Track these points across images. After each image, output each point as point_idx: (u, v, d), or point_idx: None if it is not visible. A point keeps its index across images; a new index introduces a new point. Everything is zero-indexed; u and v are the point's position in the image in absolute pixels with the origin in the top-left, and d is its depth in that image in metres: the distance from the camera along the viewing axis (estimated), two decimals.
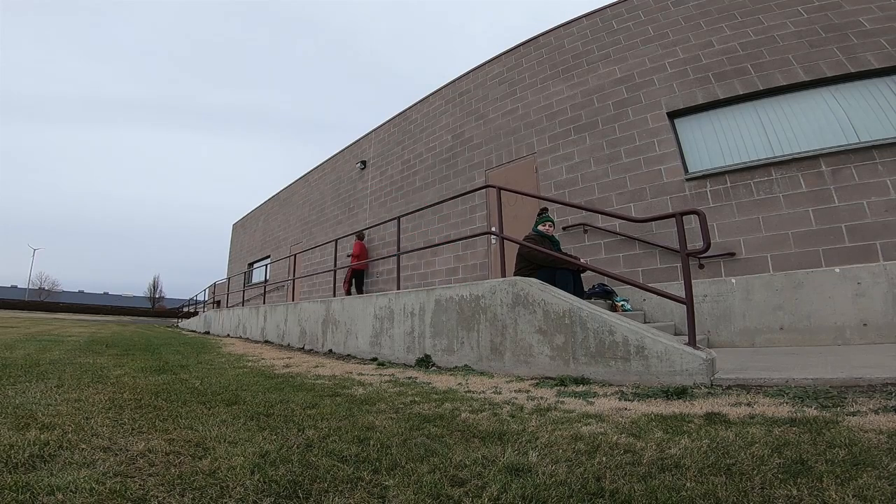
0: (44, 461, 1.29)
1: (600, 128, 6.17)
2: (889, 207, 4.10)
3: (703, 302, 4.65)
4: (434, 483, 1.09)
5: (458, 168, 8.03)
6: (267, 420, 1.83)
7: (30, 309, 30.92)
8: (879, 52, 4.55)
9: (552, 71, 7.01)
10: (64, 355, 4.14)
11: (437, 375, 3.41)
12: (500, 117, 7.56)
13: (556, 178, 6.47)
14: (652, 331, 2.89)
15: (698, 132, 5.46)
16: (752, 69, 5.16)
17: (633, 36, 6.25)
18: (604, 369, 2.91)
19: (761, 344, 4.34)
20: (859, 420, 1.65)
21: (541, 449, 1.39)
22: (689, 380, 2.57)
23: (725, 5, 5.60)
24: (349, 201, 10.97)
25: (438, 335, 4.11)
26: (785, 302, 4.31)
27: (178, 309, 26.40)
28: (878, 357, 3.05)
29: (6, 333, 6.85)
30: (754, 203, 4.76)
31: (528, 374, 3.26)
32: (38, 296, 58.97)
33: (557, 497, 1.00)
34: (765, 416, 1.78)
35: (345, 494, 1.04)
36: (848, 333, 4.00)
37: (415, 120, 9.43)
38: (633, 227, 5.37)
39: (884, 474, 1.09)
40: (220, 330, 11.14)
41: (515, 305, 3.48)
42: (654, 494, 1.01)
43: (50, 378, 2.75)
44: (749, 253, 4.68)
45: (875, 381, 2.24)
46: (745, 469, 1.16)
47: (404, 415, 1.97)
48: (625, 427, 1.69)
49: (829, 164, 4.47)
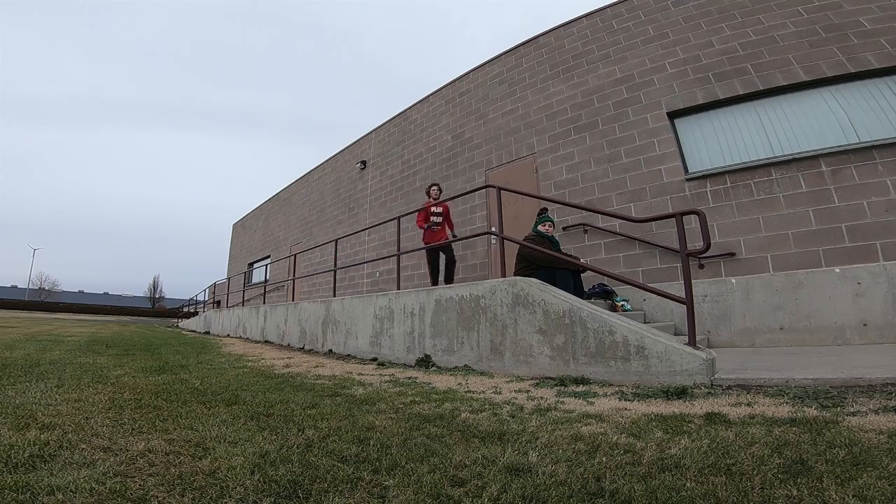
0: (44, 461, 1.29)
1: (600, 128, 6.17)
2: (889, 207, 4.10)
3: (703, 302, 4.65)
4: (434, 483, 1.09)
5: (458, 168, 8.03)
6: (267, 420, 1.83)
7: (30, 309, 30.93)
8: (879, 52, 4.55)
9: (552, 71, 7.01)
10: (64, 355, 4.14)
11: (437, 375, 3.41)
12: (500, 117, 7.56)
13: (556, 178, 6.47)
14: (652, 331, 2.89)
15: (698, 132, 5.46)
16: (752, 69, 5.16)
17: (633, 36, 6.25)
18: (604, 369, 2.91)
19: (761, 344, 4.34)
20: (859, 420, 1.65)
21: (541, 449, 1.39)
22: (689, 380, 2.57)
23: (725, 5, 5.60)
24: (349, 201, 10.97)
25: (438, 335, 4.11)
26: (785, 302, 4.31)
27: (179, 309, 26.41)
28: (878, 357, 3.05)
29: (6, 333, 6.85)
30: (754, 203, 4.76)
31: (528, 374, 3.25)
32: (38, 296, 58.96)
33: (557, 497, 1.00)
34: (765, 416, 1.78)
35: (345, 494, 1.04)
36: (848, 333, 4.00)
37: (415, 120, 9.43)
38: (633, 227, 5.37)
39: (884, 474, 1.09)
40: (220, 330, 11.14)
41: (515, 305, 3.48)
42: (654, 494, 1.01)
43: (50, 378, 2.75)
44: (749, 253, 4.68)
45: (875, 381, 2.24)
46: (745, 469, 1.16)
47: (404, 415, 1.97)
48: (625, 427, 1.69)
49: (829, 164, 4.47)
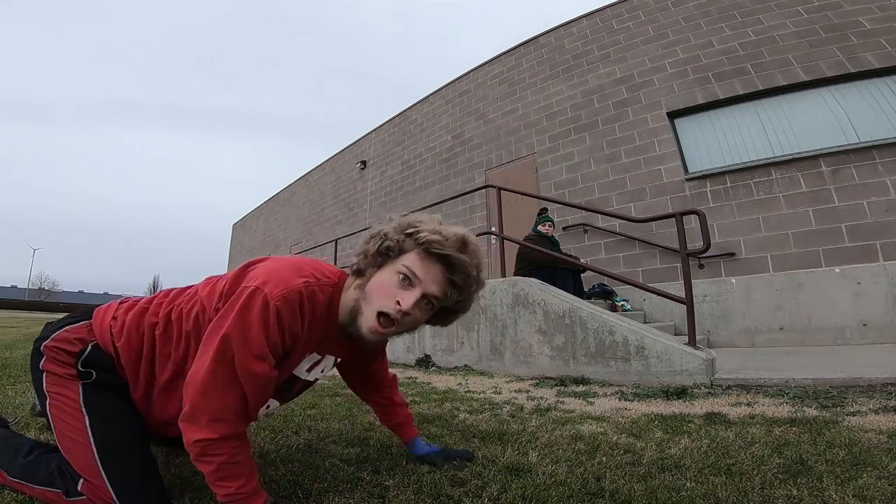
0: None
1: (600, 128, 6.17)
2: (889, 207, 4.10)
3: (703, 302, 4.65)
4: (434, 483, 1.09)
5: (458, 168, 8.03)
6: (266, 420, 1.83)
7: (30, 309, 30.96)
8: (879, 52, 4.55)
9: (552, 71, 7.01)
10: None
11: (437, 375, 3.41)
12: (500, 117, 7.56)
13: (556, 178, 6.47)
14: (652, 331, 2.89)
15: (698, 132, 5.46)
16: (752, 69, 5.16)
17: (633, 36, 6.25)
18: (604, 369, 2.91)
19: (761, 344, 4.34)
20: (859, 420, 1.65)
21: (541, 449, 1.39)
22: (689, 380, 2.57)
23: (725, 5, 5.60)
24: (349, 201, 10.96)
25: (438, 335, 4.11)
26: (785, 302, 4.31)
27: None
28: (878, 357, 3.05)
29: (6, 333, 6.85)
30: (754, 203, 4.76)
31: (528, 374, 3.26)
32: (38, 296, 58.99)
33: (557, 497, 1.00)
34: (765, 416, 1.78)
35: (345, 494, 1.04)
36: (848, 333, 4.00)
37: (415, 120, 9.43)
38: (633, 227, 5.37)
39: (884, 474, 1.09)
40: None
41: (515, 305, 3.48)
42: (654, 494, 1.01)
43: None
44: (749, 253, 4.68)
45: (875, 381, 2.24)
46: (745, 469, 1.16)
47: None
48: (625, 427, 1.69)
49: (829, 164, 4.47)
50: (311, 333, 0.97)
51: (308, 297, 0.91)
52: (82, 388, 0.97)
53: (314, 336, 0.99)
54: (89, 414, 0.94)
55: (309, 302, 0.92)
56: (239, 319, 0.84)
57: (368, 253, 0.98)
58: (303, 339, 0.95)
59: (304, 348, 0.99)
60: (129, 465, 0.92)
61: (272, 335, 0.86)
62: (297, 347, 0.96)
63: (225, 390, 0.84)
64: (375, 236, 0.99)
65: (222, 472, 0.83)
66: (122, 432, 0.95)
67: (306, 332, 0.94)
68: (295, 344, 0.94)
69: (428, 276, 0.94)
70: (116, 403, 0.98)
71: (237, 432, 0.86)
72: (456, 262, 0.94)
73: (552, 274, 4.06)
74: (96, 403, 0.96)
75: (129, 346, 0.99)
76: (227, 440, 0.84)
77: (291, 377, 1.07)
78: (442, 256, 0.93)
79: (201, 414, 0.82)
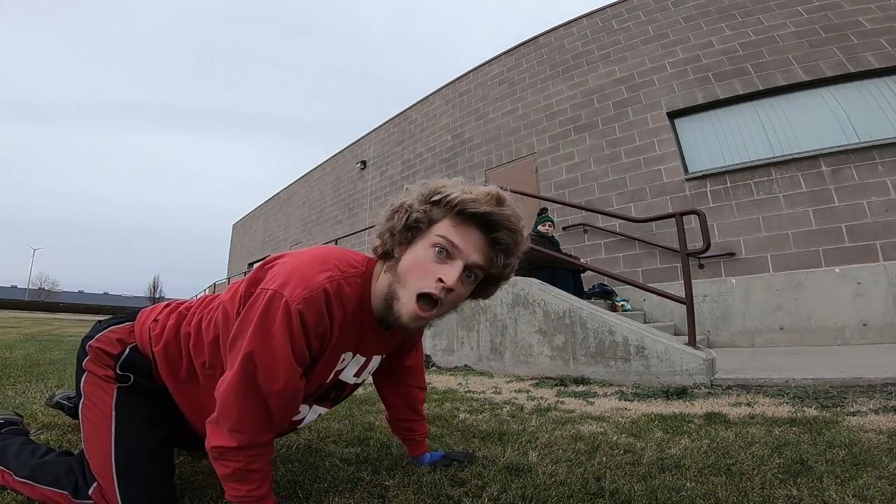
0: None
1: (600, 128, 6.17)
2: (889, 207, 4.10)
3: (703, 302, 4.65)
4: (434, 483, 1.09)
5: (458, 168, 8.03)
6: None
7: (30, 309, 30.96)
8: (879, 52, 4.55)
9: (552, 71, 7.01)
10: (64, 355, 4.14)
11: (437, 375, 3.41)
12: (500, 117, 7.56)
13: (556, 178, 6.47)
14: (652, 331, 2.89)
15: (698, 132, 5.46)
16: (752, 69, 5.16)
17: (633, 36, 6.25)
18: (604, 369, 2.92)
19: (761, 344, 4.34)
20: (859, 420, 1.65)
21: (541, 449, 1.39)
22: (689, 380, 2.57)
23: (725, 5, 5.60)
24: (349, 201, 10.97)
25: (438, 335, 4.11)
26: (785, 302, 4.31)
27: None
28: (878, 357, 3.05)
29: (6, 333, 6.85)
30: (754, 203, 4.76)
31: (528, 374, 3.26)
32: (38, 296, 59.01)
33: (557, 497, 1.00)
34: (765, 416, 1.78)
35: (345, 494, 1.04)
36: (848, 333, 4.00)
37: (415, 120, 9.44)
38: (633, 227, 5.37)
39: (884, 474, 1.09)
40: None
41: (515, 305, 3.48)
42: (654, 494, 1.01)
43: (50, 378, 2.74)
44: (749, 253, 4.68)
45: (875, 381, 2.24)
46: (745, 469, 1.16)
47: None
48: (625, 427, 1.69)
49: (829, 164, 4.47)
50: (345, 332, 0.89)
51: (335, 294, 0.84)
52: (117, 391, 0.96)
53: (350, 335, 0.91)
54: (117, 419, 0.93)
55: (336, 298, 0.84)
56: (261, 330, 0.79)
57: (395, 230, 0.87)
58: (333, 339, 0.88)
59: (336, 348, 0.92)
60: (142, 476, 0.91)
61: (297, 344, 0.81)
62: (328, 348, 0.89)
63: (245, 402, 0.81)
64: (399, 209, 0.87)
65: (236, 476, 0.82)
66: (146, 440, 0.94)
67: (337, 331, 0.87)
68: (324, 346, 0.88)
69: (468, 245, 0.84)
70: (148, 409, 0.97)
71: (256, 442, 0.84)
72: (497, 218, 0.83)
73: (552, 274, 4.07)
74: (127, 408, 0.95)
75: (165, 354, 0.97)
76: (244, 449, 0.82)
77: (339, 383, 1.01)
78: (479, 216, 0.83)
79: (224, 422, 0.82)
